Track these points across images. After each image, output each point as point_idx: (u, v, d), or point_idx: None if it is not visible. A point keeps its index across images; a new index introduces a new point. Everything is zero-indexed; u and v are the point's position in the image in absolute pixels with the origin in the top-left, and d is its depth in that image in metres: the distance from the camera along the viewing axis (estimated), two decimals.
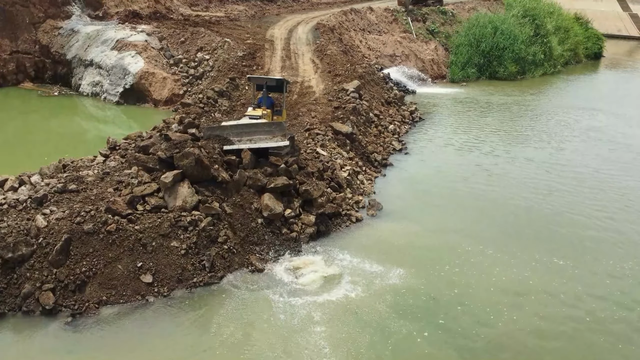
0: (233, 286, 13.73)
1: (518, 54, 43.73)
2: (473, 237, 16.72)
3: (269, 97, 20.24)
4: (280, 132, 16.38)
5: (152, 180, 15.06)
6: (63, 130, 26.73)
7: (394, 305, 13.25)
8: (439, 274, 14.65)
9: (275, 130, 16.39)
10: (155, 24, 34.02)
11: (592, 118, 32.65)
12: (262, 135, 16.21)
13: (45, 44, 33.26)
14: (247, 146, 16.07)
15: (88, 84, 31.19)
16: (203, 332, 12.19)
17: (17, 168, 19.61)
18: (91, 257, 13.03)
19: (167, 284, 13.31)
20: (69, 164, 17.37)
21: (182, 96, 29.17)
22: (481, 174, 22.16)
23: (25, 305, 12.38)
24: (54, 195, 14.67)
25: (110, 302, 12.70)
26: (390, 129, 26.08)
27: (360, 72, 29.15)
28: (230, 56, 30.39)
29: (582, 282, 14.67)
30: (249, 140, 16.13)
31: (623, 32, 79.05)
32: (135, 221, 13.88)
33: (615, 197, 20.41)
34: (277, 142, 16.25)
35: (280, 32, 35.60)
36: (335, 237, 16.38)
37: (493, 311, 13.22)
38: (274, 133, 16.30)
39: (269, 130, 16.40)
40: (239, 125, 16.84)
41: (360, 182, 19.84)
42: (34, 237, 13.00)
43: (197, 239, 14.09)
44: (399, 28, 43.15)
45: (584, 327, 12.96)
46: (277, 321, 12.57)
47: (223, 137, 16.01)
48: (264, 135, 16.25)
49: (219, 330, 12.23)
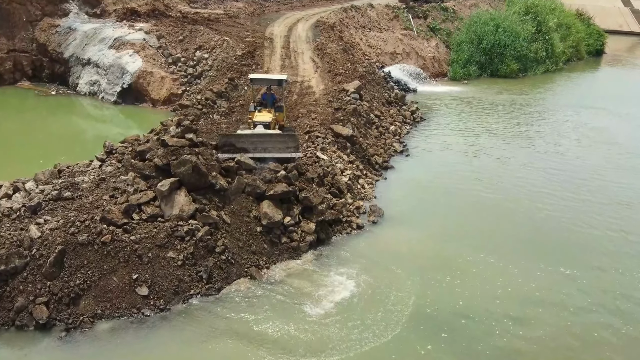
0: (231, 298, 13.43)
1: (520, 52, 43.28)
2: (476, 244, 16.41)
3: (273, 94, 20.51)
4: (293, 143, 17.28)
5: (149, 187, 14.77)
6: (60, 130, 26.44)
7: (395, 317, 12.98)
8: (441, 285, 14.36)
9: (288, 141, 17.28)
10: (154, 22, 33.58)
11: (597, 118, 32.22)
12: (276, 145, 17.08)
13: (43, 43, 32.86)
14: (262, 155, 16.83)
15: (85, 83, 30.83)
16: (201, 346, 11.90)
17: (14, 169, 19.43)
18: (86, 269, 12.75)
19: (163, 297, 13.01)
20: (65, 169, 17.08)
21: (181, 96, 28.85)
22: (483, 177, 21.82)
23: (19, 319, 12.11)
24: (49, 203, 14.40)
25: (105, 316, 12.42)
26: (391, 130, 25.75)
27: (361, 71, 28.78)
28: (229, 55, 30.01)
29: (590, 294, 14.33)
30: (263, 150, 16.93)
31: (624, 27, 78.35)
32: (131, 231, 13.58)
33: (623, 205, 19.92)
34: (291, 153, 17.11)
35: (280, 30, 35.21)
36: (335, 245, 16.10)
37: (498, 325, 12.92)
38: (287, 144, 17.17)
39: (282, 141, 17.28)
40: (255, 135, 17.47)
41: (361, 187, 19.54)
42: (27, 249, 12.71)
43: (194, 249, 13.80)
44: (399, 25, 42.71)
45: (593, 340, 12.65)
46: (277, 334, 12.28)
47: (238, 147, 16.75)
48: (277, 145, 17.12)
49: (217, 345, 11.94)
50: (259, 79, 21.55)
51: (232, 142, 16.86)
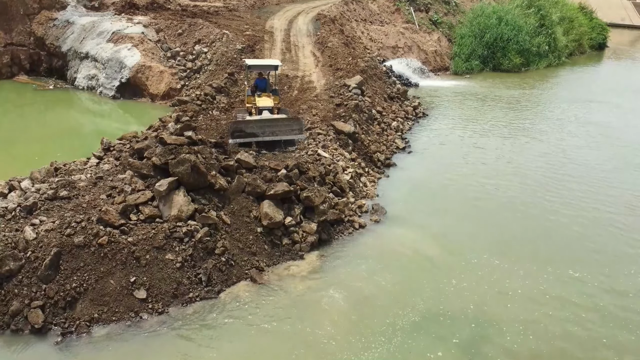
0: (231, 301, 13.12)
1: (522, 46, 42.89)
2: (481, 245, 16.08)
3: (264, 79, 21.70)
4: (298, 126, 18.87)
5: (146, 187, 14.44)
6: (58, 125, 26.09)
7: (402, 321, 12.66)
8: (449, 288, 13.98)
9: (293, 124, 18.85)
10: (152, 15, 33.15)
11: (603, 113, 31.83)
12: (282, 129, 18.57)
13: (40, 36, 32.46)
14: (271, 138, 18.27)
15: (84, 77, 30.42)
16: (200, 351, 11.61)
17: (11, 165, 19.18)
18: (82, 272, 12.44)
19: (161, 300, 12.71)
20: (61, 167, 16.78)
21: (180, 90, 28.48)
22: (487, 174, 21.46)
23: (14, 323, 11.80)
24: (45, 202, 14.08)
25: (102, 320, 12.12)
26: (393, 126, 25.40)
27: (363, 66, 28.37)
28: (229, 49, 29.60)
29: (601, 297, 13.95)
30: (272, 133, 18.34)
31: (627, 21, 77.89)
32: (128, 232, 13.27)
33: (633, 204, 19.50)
34: (296, 134, 18.78)
35: (280, 23, 34.80)
36: (337, 246, 15.77)
37: (509, 329, 12.55)
38: (293, 127, 18.73)
39: (288, 124, 18.79)
40: (263, 120, 18.86)
41: (363, 185, 19.21)
42: (22, 251, 12.40)
43: (193, 251, 13.49)
44: (401, 18, 42.28)
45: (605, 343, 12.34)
46: (278, 338, 12.00)
47: (248, 132, 18.10)
48: (284, 128, 18.61)
49: (217, 349, 11.65)
50: (256, 65, 22.05)
51: (242, 127, 18.15)
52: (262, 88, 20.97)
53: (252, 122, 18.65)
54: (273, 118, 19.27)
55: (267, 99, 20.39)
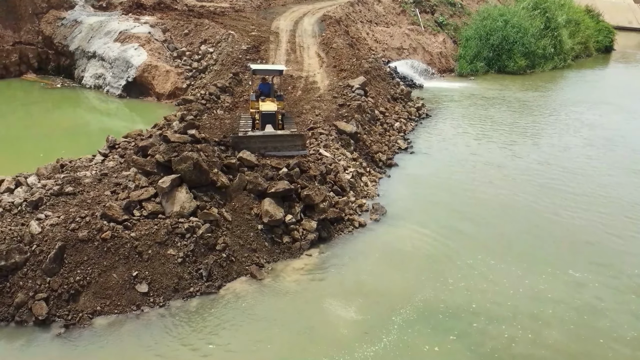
0: (231, 296, 13.37)
1: (528, 48, 43.00)
2: (481, 244, 16.24)
3: (269, 83, 21.21)
4: (301, 142, 18.61)
5: (150, 184, 14.71)
6: (65, 123, 26.49)
7: (401, 318, 12.83)
8: (447, 286, 14.14)
9: (297, 140, 18.59)
10: (159, 15, 33.56)
11: (608, 117, 31.86)
12: (285, 144, 18.40)
13: (48, 35, 32.93)
14: (273, 154, 17.96)
15: (91, 76, 30.84)
16: (200, 344, 11.84)
17: (18, 161, 19.50)
18: (85, 266, 12.72)
19: (163, 294, 12.98)
20: (67, 164, 17.09)
21: (185, 90, 28.81)
22: (490, 175, 21.63)
23: (18, 315, 12.08)
24: (50, 198, 14.40)
25: (104, 313, 12.39)
26: (395, 126, 25.61)
27: (367, 67, 28.62)
28: (234, 49, 29.91)
29: (601, 297, 14.06)
30: (274, 149, 18.16)
31: (634, 24, 77.68)
32: (131, 228, 13.54)
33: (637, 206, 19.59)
34: (299, 150, 18.41)
35: (286, 24, 35.07)
36: (337, 244, 15.98)
37: (508, 327, 12.69)
38: (296, 143, 18.51)
39: (291, 140, 18.55)
40: (267, 136, 18.53)
41: (364, 184, 19.42)
42: (28, 244, 12.69)
43: (194, 247, 13.76)
44: (406, 20, 42.50)
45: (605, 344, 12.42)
46: (277, 333, 12.22)
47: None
48: (286, 144, 18.42)
49: (216, 343, 11.88)
50: (261, 70, 21.77)
51: (244, 142, 17.85)
52: (266, 93, 20.66)
53: (254, 138, 18.35)
54: (276, 134, 18.80)
55: (271, 103, 19.95)
